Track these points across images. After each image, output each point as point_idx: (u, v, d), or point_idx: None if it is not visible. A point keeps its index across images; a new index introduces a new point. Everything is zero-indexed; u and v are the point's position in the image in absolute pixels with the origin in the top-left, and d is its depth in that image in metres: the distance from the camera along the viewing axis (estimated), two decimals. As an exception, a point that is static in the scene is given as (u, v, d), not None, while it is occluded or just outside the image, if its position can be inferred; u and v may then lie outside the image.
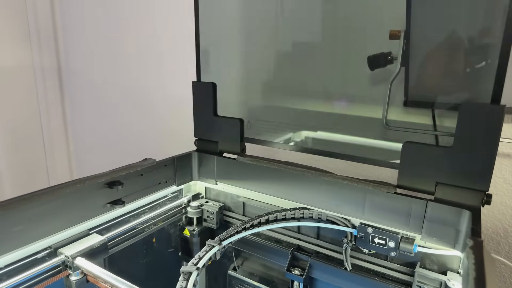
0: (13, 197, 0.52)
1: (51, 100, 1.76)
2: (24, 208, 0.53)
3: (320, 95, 0.96)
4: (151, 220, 0.77)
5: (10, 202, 0.51)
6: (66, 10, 1.66)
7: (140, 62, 1.44)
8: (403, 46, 0.77)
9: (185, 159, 0.83)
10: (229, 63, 1.02)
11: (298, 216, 0.70)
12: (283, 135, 0.95)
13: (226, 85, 0.95)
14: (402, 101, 0.84)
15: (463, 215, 0.55)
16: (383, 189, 0.61)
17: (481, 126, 0.52)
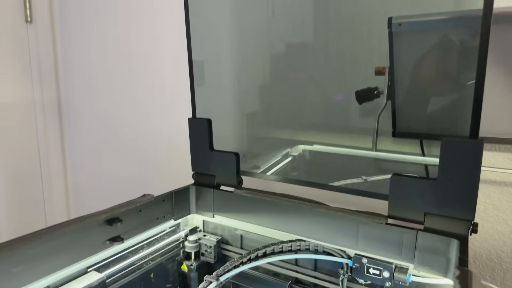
0: (15, 238, 0.54)
1: (50, 135, 1.79)
2: (25, 248, 0.54)
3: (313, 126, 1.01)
4: (149, 255, 0.78)
5: (12, 243, 0.53)
6: (67, 47, 1.72)
7: (140, 96, 1.49)
8: (388, 81, 0.81)
9: (183, 193, 0.85)
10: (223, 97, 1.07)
11: (295, 248, 0.72)
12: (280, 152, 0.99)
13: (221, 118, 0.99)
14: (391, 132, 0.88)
15: (451, 243, 0.57)
16: (374, 220, 0.63)
17: (462, 159, 0.55)
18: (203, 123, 0.89)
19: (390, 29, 0.74)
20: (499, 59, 0.81)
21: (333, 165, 0.98)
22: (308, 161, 1.01)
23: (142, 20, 1.41)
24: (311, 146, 1.00)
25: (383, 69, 0.79)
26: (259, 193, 0.79)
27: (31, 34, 1.70)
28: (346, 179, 0.87)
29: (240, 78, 1.06)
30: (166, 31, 1.35)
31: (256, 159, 1.01)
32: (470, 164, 0.55)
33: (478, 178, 0.55)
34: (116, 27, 1.50)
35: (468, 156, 0.55)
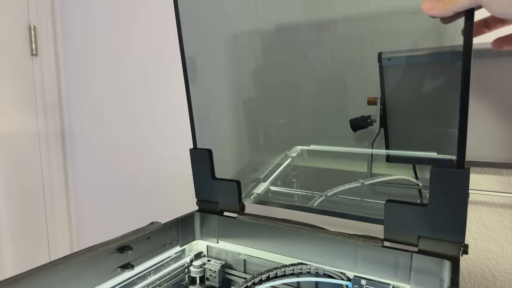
0: (34, 268, 0.57)
1: (54, 164, 1.83)
2: (44, 277, 0.58)
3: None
4: (157, 281, 0.81)
5: (31, 273, 0.56)
6: (71, 78, 1.79)
7: (142, 125, 1.54)
8: (380, 110, 0.87)
9: (188, 219, 0.88)
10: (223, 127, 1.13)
11: (297, 271, 0.75)
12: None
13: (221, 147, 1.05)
14: (385, 158, 0.93)
15: (444, 264, 0.60)
16: (371, 243, 0.67)
17: (450, 187, 0.59)
18: (204, 154, 0.92)
19: (380, 63, 0.80)
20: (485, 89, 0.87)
21: (331, 164, 1.03)
22: (306, 161, 1.06)
23: (147, 52, 1.48)
24: (308, 146, 1.06)
25: (375, 99, 0.85)
26: (261, 219, 0.82)
27: (36, 67, 1.77)
28: (344, 184, 0.92)
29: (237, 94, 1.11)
30: (170, 60, 1.42)
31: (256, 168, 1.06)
32: (458, 191, 0.59)
33: (466, 203, 0.59)
34: (119, 59, 1.58)
35: (456, 184, 0.59)
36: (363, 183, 0.89)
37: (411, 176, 0.90)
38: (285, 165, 1.06)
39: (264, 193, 1.03)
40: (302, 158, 1.06)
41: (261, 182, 1.05)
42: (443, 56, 0.74)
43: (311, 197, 0.96)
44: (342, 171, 0.98)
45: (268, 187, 1.04)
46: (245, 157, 1.14)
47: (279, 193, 1.05)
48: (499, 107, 0.84)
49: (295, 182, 1.06)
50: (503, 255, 0.90)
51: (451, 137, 0.74)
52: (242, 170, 1.10)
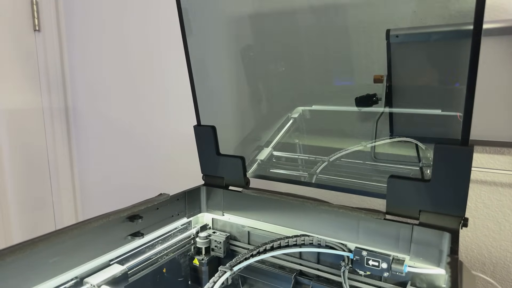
0: (50, 231, 0.60)
1: (58, 140, 1.84)
2: (60, 241, 0.60)
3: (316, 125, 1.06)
4: (164, 250, 0.84)
5: (49, 236, 0.58)
6: (74, 54, 1.78)
7: (145, 100, 1.55)
8: (386, 89, 0.88)
9: (195, 193, 0.91)
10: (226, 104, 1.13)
11: (300, 242, 0.78)
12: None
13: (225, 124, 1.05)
14: (388, 137, 0.94)
15: (444, 236, 0.63)
16: (374, 215, 0.69)
17: (453, 164, 0.61)
18: (208, 131, 0.94)
19: (388, 40, 0.80)
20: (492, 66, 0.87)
21: (333, 125, 1.03)
22: (308, 123, 1.06)
23: (148, 25, 1.47)
24: (310, 106, 1.05)
25: (381, 77, 0.86)
26: (265, 193, 0.85)
27: (39, 42, 1.76)
28: (346, 148, 0.93)
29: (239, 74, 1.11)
30: (172, 36, 1.41)
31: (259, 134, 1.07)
32: (461, 168, 0.61)
33: (468, 180, 0.61)
34: (121, 33, 1.57)
35: (459, 161, 0.61)
36: (365, 145, 0.90)
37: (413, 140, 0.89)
38: (286, 128, 1.06)
39: (268, 159, 1.05)
40: (304, 119, 1.05)
41: (264, 148, 1.06)
42: (452, 34, 0.74)
43: (314, 161, 0.97)
44: (344, 140, 0.98)
45: (271, 152, 1.05)
46: (248, 126, 1.14)
47: (282, 158, 1.06)
48: (504, 86, 0.85)
49: (297, 144, 1.06)
50: (500, 233, 0.93)
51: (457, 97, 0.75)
52: (245, 140, 1.11)
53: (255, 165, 1.02)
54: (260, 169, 0.99)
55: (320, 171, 0.92)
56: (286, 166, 1.03)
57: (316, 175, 0.92)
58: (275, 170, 1.03)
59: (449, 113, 0.81)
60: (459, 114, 0.74)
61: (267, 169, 1.00)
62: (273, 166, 1.04)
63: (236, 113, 1.15)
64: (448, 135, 0.81)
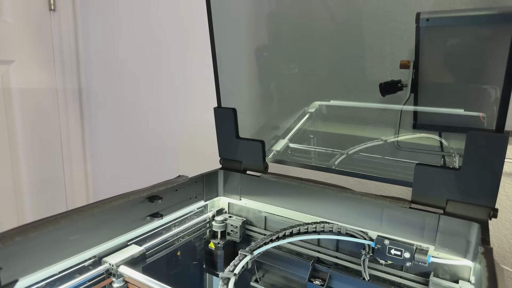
0: (71, 209, 0.59)
1: (71, 120, 1.84)
2: (80, 219, 0.60)
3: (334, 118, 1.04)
4: (180, 233, 0.84)
5: (69, 213, 0.58)
6: (89, 34, 1.76)
7: (159, 84, 1.53)
8: (413, 75, 0.85)
9: (212, 176, 0.90)
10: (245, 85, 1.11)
11: (319, 229, 0.76)
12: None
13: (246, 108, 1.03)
14: (412, 124, 0.91)
15: (472, 227, 0.61)
16: (399, 204, 0.67)
17: (486, 152, 0.59)
18: (229, 113, 0.92)
19: (417, 24, 0.77)
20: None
21: (352, 120, 1.00)
22: (325, 118, 1.04)
23: (165, 6, 1.45)
24: (328, 101, 1.03)
25: (408, 63, 0.83)
26: (285, 178, 0.83)
27: (54, 22, 1.75)
28: (366, 142, 0.91)
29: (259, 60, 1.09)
30: (189, 17, 1.39)
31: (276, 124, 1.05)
32: (495, 157, 0.58)
33: (501, 169, 0.59)
34: (137, 14, 1.54)
35: (493, 149, 0.58)
36: (385, 140, 0.87)
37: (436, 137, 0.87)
38: (303, 122, 1.05)
39: (283, 150, 1.03)
40: (321, 114, 1.03)
41: (280, 139, 1.05)
42: (487, 18, 0.71)
43: (331, 154, 0.95)
44: (363, 130, 0.96)
45: (287, 144, 1.04)
46: (265, 115, 1.13)
47: (298, 150, 1.04)
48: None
49: (313, 138, 1.04)
50: (523, 226, 0.91)
51: (488, 104, 0.73)
52: (263, 128, 1.10)
53: (270, 155, 1.00)
54: (275, 160, 0.97)
55: (338, 163, 0.90)
56: (302, 159, 1.02)
57: (334, 166, 0.90)
58: (290, 160, 1.01)
59: (472, 113, 0.78)
60: (482, 114, 0.72)
61: (283, 159, 0.99)
62: (289, 158, 1.03)
63: (255, 100, 1.13)
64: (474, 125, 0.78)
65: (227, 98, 0.94)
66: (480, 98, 0.73)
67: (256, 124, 1.11)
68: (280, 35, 1.06)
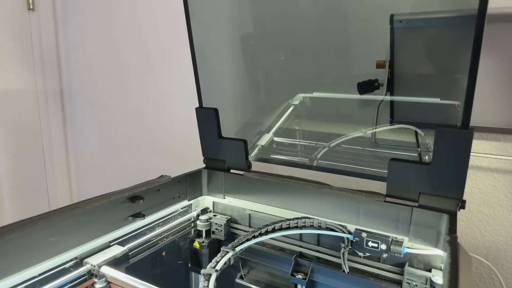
0: (51, 210, 0.59)
1: (53, 122, 1.82)
2: (60, 220, 0.60)
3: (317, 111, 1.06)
4: (164, 233, 0.84)
5: (49, 215, 0.58)
6: (69, 34, 1.74)
7: (142, 82, 1.53)
8: (388, 74, 0.88)
9: (196, 175, 0.91)
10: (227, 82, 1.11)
11: (301, 224, 0.78)
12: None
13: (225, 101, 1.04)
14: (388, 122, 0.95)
15: (442, 218, 0.64)
16: (374, 198, 0.70)
17: (454, 147, 0.62)
18: (211, 113, 0.93)
19: (391, 25, 0.80)
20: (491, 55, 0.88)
21: (334, 112, 1.03)
22: (309, 110, 1.05)
23: (147, 7, 1.45)
24: (311, 93, 1.05)
25: (384, 63, 0.86)
26: (268, 176, 0.85)
27: (33, 22, 1.72)
28: (347, 134, 0.94)
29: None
30: (172, 16, 1.39)
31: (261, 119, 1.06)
32: (461, 151, 0.62)
33: (467, 163, 0.62)
34: (118, 13, 1.53)
35: (459, 144, 0.62)
36: (365, 132, 0.90)
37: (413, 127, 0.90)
38: (287, 114, 1.06)
39: (268, 144, 1.05)
40: (305, 106, 1.05)
41: (264, 134, 1.06)
42: (456, 19, 0.74)
43: (314, 147, 0.97)
44: (344, 124, 0.98)
45: (271, 138, 1.05)
46: (249, 111, 1.13)
47: (283, 144, 1.06)
48: (502, 72, 0.85)
49: (298, 131, 1.06)
50: (494, 217, 0.95)
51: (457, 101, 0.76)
52: (247, 125, 1.10)
53: (256, 150, 1.02)
54: (260, 154, 0.99)
55: (320, 157, 0.92)
56: (286, 152, 1.04)
57: (316, 160, 0.92)
58: (275, 156, 1.03)
59: (447, 102, 0.81)
60: (457, 103, 0.75)
61: (268, 155, 1.01)
62: (274, 152, 1.04)
63: (238, 97, 1.14)
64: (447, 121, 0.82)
65: (208, 97, 0.95)
66: (451, 93, 0.77)
67: (240, 121, 1.12)
68: (261, 30, 1.07)
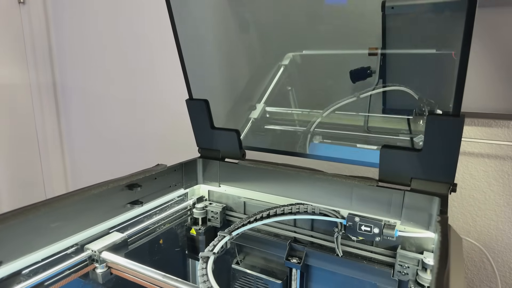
0: (52, 197, 0.60)
1: (47, 114, 1.82)
2: (61, 206, 0.61)
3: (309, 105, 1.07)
4: (162, 220, 0.86)
5: (51, 201, 0.59)
6: (60, 29, 1.73)
7: (136, 74, 1.53)
8: (380, 61, 0.89)
9: (191, 164, 0.92)
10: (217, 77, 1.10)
11: (295, 210, 0.80)
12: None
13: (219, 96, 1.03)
14: (381, 109, 0.96)
15: (434, 201, 0.66)
16: (367, 183, 0.72)
17: (445, 134, 0.63)
18: (201, 105, 0.92)
19: (383, 12, 0.81)
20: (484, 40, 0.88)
21: (325, 71, 0.98)
22: (300, 68, 1.00)
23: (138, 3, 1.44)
24: (301, 52, 1.00)
25: (376, 50, 0.87)
26: (262, 163, 0.86)
27: (24, 15, 1.71)
28: (339, 100, 0.93)
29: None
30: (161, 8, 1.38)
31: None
32: (452, 138, 0.63)
33: (459, 149, 0.63)
34: (110, 5, 1.52)
35: (451, 131, 0.63)
36: (358, 96, 0.90)
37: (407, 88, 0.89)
38: (278, 77, 1.03)
39: (261, 116, 1.03)
40: (295, 65, 1.01)
41: (256, 104, 1.04)
42: (447, 5, 0.75)
43: (307, 115, 0.97)
44: (338, 80, 0.95)
45: (263, 108, 1.03)
46: (239, 86, 1.09)
47: (276, 113, 1.04)
48: (494, 58, 0.87)
49: (290, 92, 1.02)
50: (485, 202, 0.97)
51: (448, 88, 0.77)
52: (238, 101, 1.07)
53: (249, 123, 1.00)
54: (254, 127, 0.98)
55: (314, 129, 0.92)
56: (280, 122, 1.02)
57: (310, 133, 0.92)
58: (269, 126, 1.02)
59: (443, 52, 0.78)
60: (454, 52, 0.74)
61: (261, 126, 0.99)
62: (267, 123, 1.02)
63: (227, 81, 1.11)
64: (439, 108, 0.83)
65: (198, 86, 0.93)
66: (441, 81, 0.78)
67: (232, 106, 1.09)
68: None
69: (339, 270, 0.78)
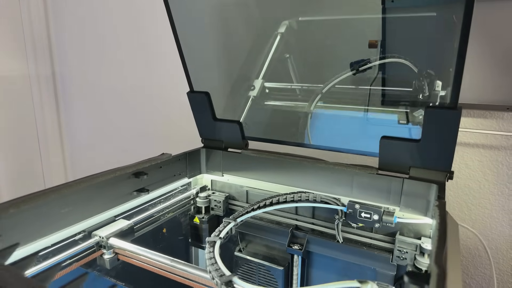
0: (62, 183, 0.62)
1: (46, 106, 1.82)
2: (70, 192, 0.62)
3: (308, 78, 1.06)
4: (166, 209, 0.87)
5: (61, 188, 0.61)
6: (59, 19, 1.73)
7: (133, 65, 1.53)
8: (380, 53, 0.91)
9: (195, 154, 0.94)
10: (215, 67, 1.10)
11: (296, 198, 0.82)
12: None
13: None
14: (380, 101, 0.98)
15: (431, 188, 0.68)
16: (367, 171, 0.74)
17: (442, 126, 0.65)
18: (203, 97, 0.93)
19: (383, 5, 0.82)
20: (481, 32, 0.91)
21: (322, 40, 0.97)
22: (297, 35, 0.98)
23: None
24: (297, 18, 0.98)
25: (376, 42, 0.88)
26: (264, 153, 0.88)
27: (23, 6, 1.70)
28: (338, 74, 0.93)
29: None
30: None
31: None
32: (449, 130, 0.65)
33: (456, 140, 0.65)
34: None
35: (448, 124, 0.65)
36: (357, 68, 0.90)
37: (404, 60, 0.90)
38: (275, 47, 1.01)
39: (260, 93, 1.03)
40: (292, 32, 0.99)
41: (254, 80, 1.04)
42: None
43: (307, 90, 0.97)
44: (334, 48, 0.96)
45: (262, 84, 1.03)
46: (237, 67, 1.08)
47: (276, 89, 1.05)
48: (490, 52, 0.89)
49: (288, 60, 1.00)
50: (480, 191, 1.00)
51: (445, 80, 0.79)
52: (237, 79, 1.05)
53: (249, 101, 1.01)
54: (254, 105, 0.98)
55: (314, 107, 0.93)
56: (279, 97, 1.02)
57: (311, 113, 0.94)
58: (269, 102, 1.02)
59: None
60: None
61: (261, 103, 1.00)
62: (267, 99, 1.03)
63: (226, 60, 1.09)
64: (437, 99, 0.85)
65: (198, 77, 0.94)
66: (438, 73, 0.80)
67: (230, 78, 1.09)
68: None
69: (340, 256, 0.80)
